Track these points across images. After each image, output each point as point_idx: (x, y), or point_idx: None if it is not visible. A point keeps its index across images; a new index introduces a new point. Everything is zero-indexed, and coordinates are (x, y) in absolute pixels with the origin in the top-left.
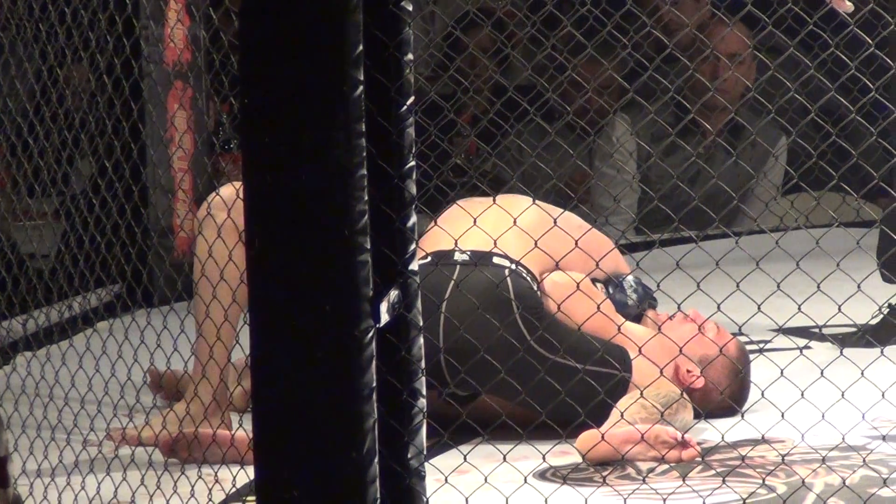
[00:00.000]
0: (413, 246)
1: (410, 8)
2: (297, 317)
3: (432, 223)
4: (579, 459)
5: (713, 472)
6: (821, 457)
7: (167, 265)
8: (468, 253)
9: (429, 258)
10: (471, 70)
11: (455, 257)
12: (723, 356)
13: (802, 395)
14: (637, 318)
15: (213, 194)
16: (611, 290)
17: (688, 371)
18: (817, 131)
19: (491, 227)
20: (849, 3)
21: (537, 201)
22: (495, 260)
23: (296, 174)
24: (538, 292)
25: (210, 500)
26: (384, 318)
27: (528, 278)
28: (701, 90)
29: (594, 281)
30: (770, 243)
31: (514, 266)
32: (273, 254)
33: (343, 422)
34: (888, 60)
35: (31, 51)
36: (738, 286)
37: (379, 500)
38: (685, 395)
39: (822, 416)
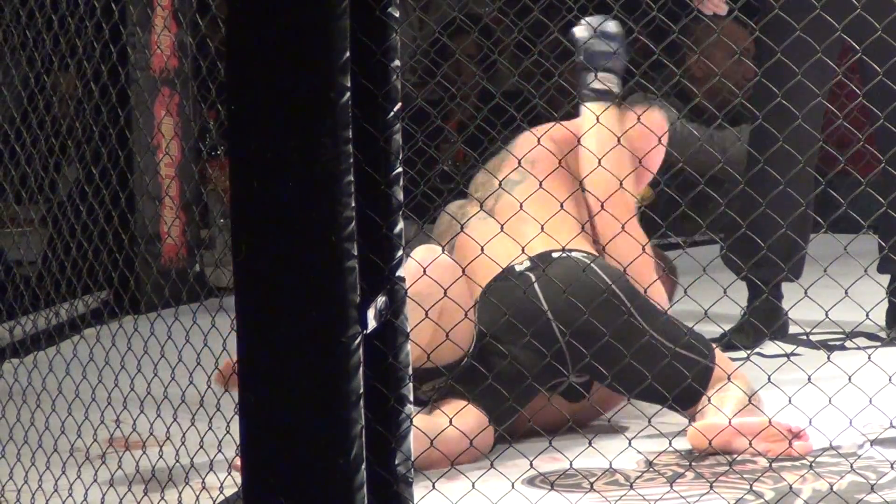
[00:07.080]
0: (400, 252)
1: (397, 14)
2: (284, 323)
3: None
4: (567, 465)
5: (701, 477)
6: (809, 462)
7: (154, 272)
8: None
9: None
10: (458, 76)
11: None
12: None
13: (790, 400)
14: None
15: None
16: None
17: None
18: None
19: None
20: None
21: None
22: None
23: (283, 181)
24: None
25: None
26: (371, 324)
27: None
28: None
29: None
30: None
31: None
32: (260, 260)
33: (330, 428)
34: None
35: (17, 57)
36: (724, 292)
37: None
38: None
39: (810, 422)
